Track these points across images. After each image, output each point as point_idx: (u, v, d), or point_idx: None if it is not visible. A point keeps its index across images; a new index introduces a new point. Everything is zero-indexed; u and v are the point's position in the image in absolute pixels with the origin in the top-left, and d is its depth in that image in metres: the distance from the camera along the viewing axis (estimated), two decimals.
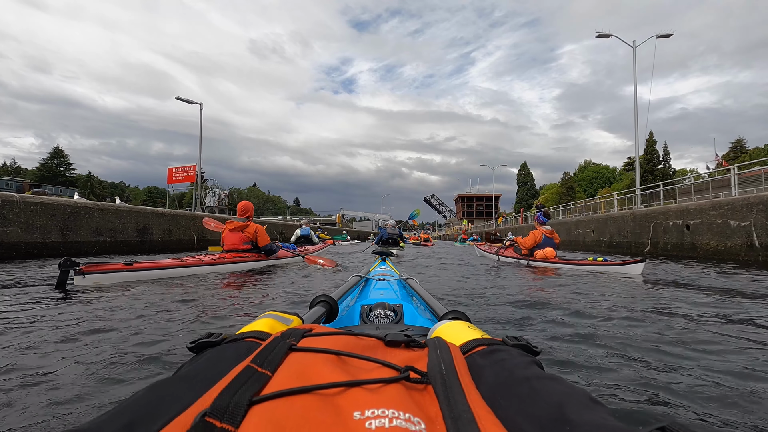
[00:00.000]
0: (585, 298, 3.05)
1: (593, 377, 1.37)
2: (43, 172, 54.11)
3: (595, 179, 52.99)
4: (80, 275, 3.28)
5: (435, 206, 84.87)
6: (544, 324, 2.16)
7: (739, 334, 1.93)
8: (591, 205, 18.12)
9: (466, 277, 4.89)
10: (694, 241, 8.50)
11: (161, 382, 0.47)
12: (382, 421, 0.36)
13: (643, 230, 10.23)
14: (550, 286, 3.84)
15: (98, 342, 1.68)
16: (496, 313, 2.48)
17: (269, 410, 0.37)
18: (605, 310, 2.54)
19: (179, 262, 4.24)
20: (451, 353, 0.54)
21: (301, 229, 11.38)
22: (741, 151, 42.00)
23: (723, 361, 1.52)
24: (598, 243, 12.75)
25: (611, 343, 1.75)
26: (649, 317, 2.31)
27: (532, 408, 0.42)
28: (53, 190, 39.35)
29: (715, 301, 2.90)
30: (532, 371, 0.50)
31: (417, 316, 1.21)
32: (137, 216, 9.83)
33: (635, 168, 17.18)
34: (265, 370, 0.46)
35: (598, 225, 12.90)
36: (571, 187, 51.08)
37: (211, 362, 0.54)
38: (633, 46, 17.23)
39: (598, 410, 0.40)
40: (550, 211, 23.12)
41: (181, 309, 2.44)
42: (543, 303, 2.75)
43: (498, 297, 3.08)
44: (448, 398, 0.42)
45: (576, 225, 14.85)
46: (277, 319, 0.76)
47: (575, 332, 1.94)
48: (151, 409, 0.40)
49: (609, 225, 12.11)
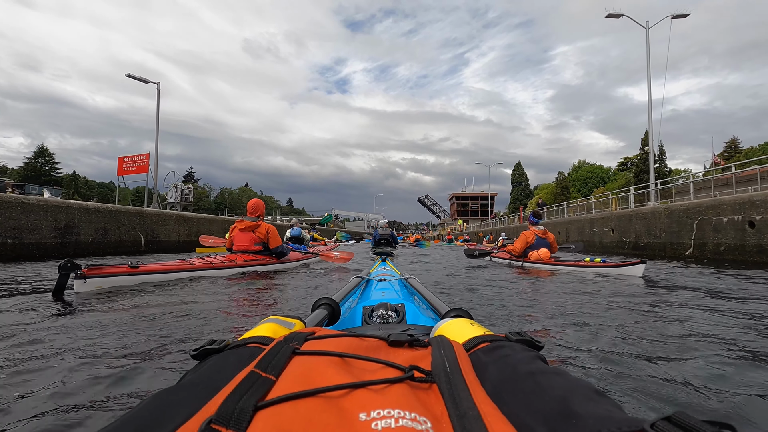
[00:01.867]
0: (583, 301, 2.84)
1: (596, 372, 1.33)
2: (28, 171, 51.65)
3: (590, 179, 52.09)
4: (81, 279, 2.94)
5: (429, 207, 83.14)
6: (536, 323, 2.11)
7: (751, 336, 1.82)
8: (602, 201, 16.04)
9: (452, 276, 4.45)
10: (762, 242, 6.48)
11: (166, 391, 0.46)
12: (388, 422, 0.35)
13: (684, 228, 8.21)
14: (546, 290, 3.59)
15: (104, 352, 1.52)
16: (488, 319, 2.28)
17: (275, 415, 0.37)
18: (606, 311, 2.42)
19: (188, 265, 3.92)
20: (455, 351, 0.53)
21: (291, 229, 10.00)
22: (735, 150, 41.34)
23: (729, 356, 1.48)
24: (620, 244, 10.71)
25: (613, 342, 1.68)
26: (649, 317, 2.24)
27: (538, 403, 0.41)
28: (37, 190, 37.77)
29: (736, 306, 2.60)
30: (536, 366, 0.49)
31: (419, 315, 1.20)
32: (56, 212, 7.58)
33: (649, 160, 15.33)
34: (270, 374, 0.45)
35: (620, 223, 10.84)
36: (565, 187, 49.90)
37: (214, 369, 0.53)
38: (646, 27, 15.44)
39: (604, 402, 0.39)
40: (546, 210, 21.31)
41: (191, 316, 2.18)
42: (537, 308, 2.60)
43: (490, 304, 2.77)
44: (453, 396, 0.41)
45: (591, 223, 12.69)
46: (279, 323, 0.74)
47: (574, 336, 1.81)
48: (157, 418, 0.39)
49: (635, 223, 10.07)
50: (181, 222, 11.06)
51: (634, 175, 41.58)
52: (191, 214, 11.76)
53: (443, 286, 3.80)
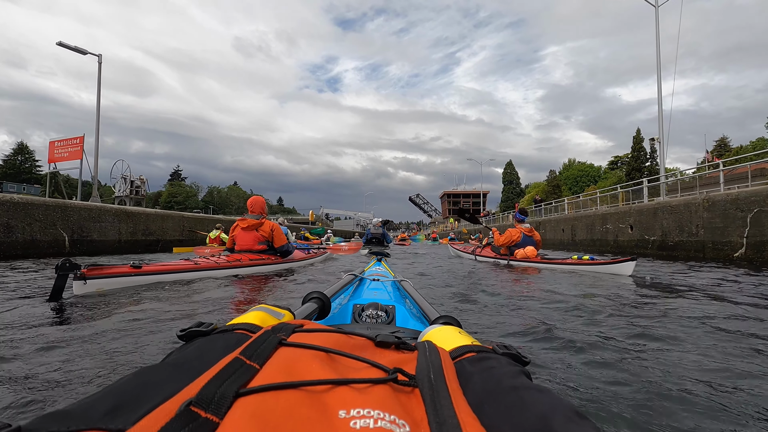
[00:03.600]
0: (570, 301, 2.67)
1: (579, 389, 1.22)
2: (6, 168, 48.76)
3: (581, 178, 51.03)
4: (81, 281, 2.70)
5: (420, 205, 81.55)
6: (522, 330, 1.94)
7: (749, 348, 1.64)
8: (609, 195, 14.36)
9: (431, 277, 4.34)
10: None
11: (148, 368, 0.45)
12: (367, 422, 0.35)
13: (732, 224, 6.51)
14: (533, 289, 3.38)
15: (114, 363, 1.38)
16: (469, 317, 2.22)
17: (255, 403, 0.36)
18: (595, 314, 2.26)
19: (192, 265, 3.68)
20: (441, 358, 0.52)
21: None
22: (725, 149, 40.81)
23: (726, 378, 1.31)
24: (641, 244, 9.00)
25: (600, 350, 1.57)
26: (639, 323, 2.03)
27: (518, 418, 0.40)
28: (15, 188, 35.39)
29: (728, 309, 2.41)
30: (519, 381, 0.48)
31: (409, 319, 1.19)
32: None
33: (660, 148, 13.76)
34: (254, 362, 0.44)
35: (641, 218, 9.14)
36: (557, 185, 48.69)
37: (199, 351, 0.52)
38: (656, 6, 13.92)
39: (584, 425, 0.38)
40: (544, 207, 19.72)
41: (197, 318, 2.05)
42: (523, 307, 2.51)
43: (475, 303, 2.69)
44: (435, 402, 0.40)
45: (603, 219, 10.95)
46: (268, 312, 0.73)
47: (560, 338, 1.71)
48: (137, 395, 0.39)
49: (661, 217, 8.37)
50: (122, 218, 9.04)
51: (626, 173, 40.81)
52: (136, 209, 9.74)
53: (422, 283, 3.48)
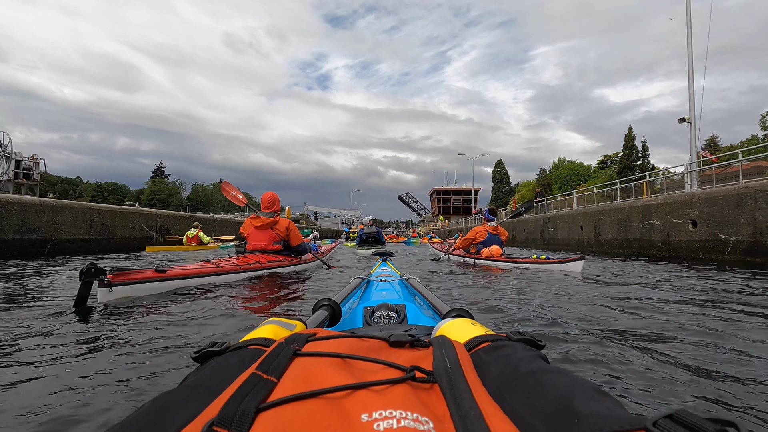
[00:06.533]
0: (530, 297, 2.73)
1: (595, 369, 1.24)
2: None
3: (571, 176, 48.98)
4: (106, 287, 2.43)
5: (410, 204, 78.84)
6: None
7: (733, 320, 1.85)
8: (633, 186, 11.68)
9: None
10: None
11: (167, 393, 0.44)
12: (390, 422, 0.34)
13: None
14: (491, 285, 3.45)
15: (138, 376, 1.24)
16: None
17: (277, 417, 0.36)
18: (541, 308, 2.32)
19: (215, 269, 3.41)
20: (456, 351, 0.51)
21: None
22: (715, 148, 39.43)
23: (724, 349, 1.42)
24: (714, 246, 6.24)
25: (597, 337, 1.60)
26: (606, 310, 2.18)
27: (539, 402, 0.40)
28: None
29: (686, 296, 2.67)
30: (537, 365, 0.48)
31: (420, 316, 1.16)
32: None
33: (691, 132, 11.20)
34: (271, 376, 0.43)
35: (711, 210, 6.38)
36: (547, 184, 46.55)
37: (216, 371, 0.51)
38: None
39: (605, 401, 0.38)
40: (547, 201, 17.11)
41: (231, 327, 1.89)
42: (480, 302, 2.55)
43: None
44: (455, 396, 0.40)
45: (644, 212, 8.12)
46: (280, 324, 0.72)
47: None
48: (159, 420, 0.38)
49: (750, 209, 5.62)
50: None
51: (617, 172, 39.11)
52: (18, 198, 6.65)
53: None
